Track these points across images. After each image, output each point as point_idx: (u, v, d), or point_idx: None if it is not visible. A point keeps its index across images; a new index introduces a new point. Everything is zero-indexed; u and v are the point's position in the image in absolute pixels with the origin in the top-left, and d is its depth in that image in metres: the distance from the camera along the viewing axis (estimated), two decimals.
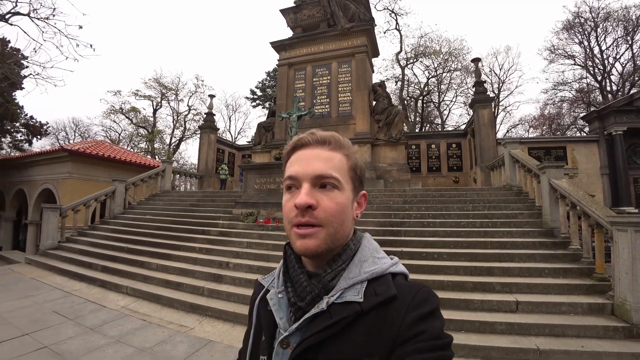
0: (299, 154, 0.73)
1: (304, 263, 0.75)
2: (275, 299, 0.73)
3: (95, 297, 5.84)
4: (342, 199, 0.70)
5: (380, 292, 0.65)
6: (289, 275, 0.75)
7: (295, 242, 0.69)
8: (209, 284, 5.79)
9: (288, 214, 0.70)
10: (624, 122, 12.02)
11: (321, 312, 0.65)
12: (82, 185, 13.06)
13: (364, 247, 0.74)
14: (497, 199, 8.43)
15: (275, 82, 28.03)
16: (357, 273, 0.69)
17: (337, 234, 0.69)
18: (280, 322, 0.70)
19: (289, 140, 8.56)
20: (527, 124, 29.93)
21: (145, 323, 4.78)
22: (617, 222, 4.46)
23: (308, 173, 0.69)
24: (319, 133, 0.74)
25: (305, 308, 0.68)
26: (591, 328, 4.05)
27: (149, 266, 6.77)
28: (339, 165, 0.72)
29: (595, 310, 4.40)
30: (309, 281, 0.70)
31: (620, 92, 22.27)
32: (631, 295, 4.15)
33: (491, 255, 5.76)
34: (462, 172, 14.54)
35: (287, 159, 0.76)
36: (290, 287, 0.73)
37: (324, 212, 0.67)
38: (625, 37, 22.47)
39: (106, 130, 31.47)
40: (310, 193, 0.68)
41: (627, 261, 4.24)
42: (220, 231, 8.08)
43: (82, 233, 9.48)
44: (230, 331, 4.54)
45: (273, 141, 13.89)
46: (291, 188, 0.72)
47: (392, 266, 0.71)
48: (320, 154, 0.72)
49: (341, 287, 0.67)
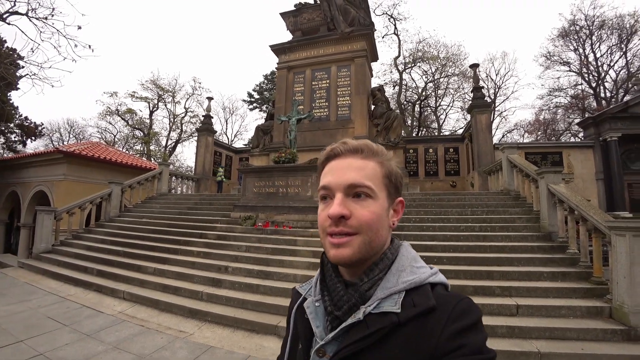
0: (331, 165, 0.74)
1: (341, 272, 0.75)
2: (312, 308, 0.73)
3: (91, 302, 5.75)
4: (375, 208, 0.69)
5: (419, 303, 0.63)
6: (325, 283, 0.75)
7: (329, 251, 0.69)
8: (208, 288, 5.74)
9: (322, 223, 0.70)
10: (618, 129, 12.18)
11: (358, 322, 0.64)
12: (77, 188, 12.92)
13: (402, 255, 0.73)
14: (496, 203, 8.49)
15: (273, 86, 28.11)
16: (394, 283, 0.68)
17: (372, 243, 0.68)
18: (316, 330, 0.70)
19: (288, 143, 8.54)
20: (522, 129, 30.26)
21: (143, 329, 4.71)
22: (615, 226, 4.50)
23: (340, 183, 0.69)
24: (351, 142, 0.74)
25: (342, 317, 0.67)
26: (590, 331, 4.08)
27: (146, 270, 6.69)
28: (372, 173, 0.71)
29: (594, 314, 4.43)
30: (345, 290, 0.70)
31: (613, 99, 22.59)
32: (629, 299, 4.18)
33: (491, 259, 5.79)
34: (459, 176, 14.60)
35: (321, 169, 0.76)
36: (327, 296, 0.72)
37: (357, 221, 0.67)
38: (620, 44, 22.85)
39: (101, 131, 31.29)
40: (343, 203, 0.68)
41: (625, 265, 4.27)
42: (219, 235, 8.02)
43: (77, 236, 9.36)
44: (231, 336, 4.50)
45: (271, 144, 13.88)
46: (325, 198, 0.72)
47: (432, 276, 0.70)
48: (353, 163, 0.71)
49: (378, 297, 0.66)
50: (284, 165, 9.02)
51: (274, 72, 17.05)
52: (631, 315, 4.10)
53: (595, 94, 24.29)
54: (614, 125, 12.25)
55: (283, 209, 8.50)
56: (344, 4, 13.81)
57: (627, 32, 22.38)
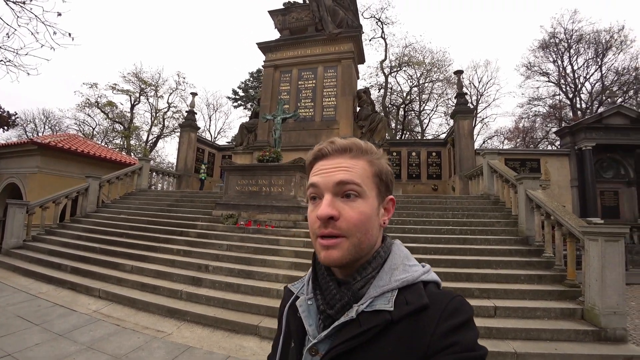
0: (320, 165, 0.72)
1: (333, 270, 0.74)
2: (304, 306, 0.73)
3: (64, 301, 5.52)
4: (365, 208, 0.68)
5: (412, 301, 0.63)
6: (318, 282, 0.74)
7: (319, 253, 0.68)
8: (188, 287, 5.62)
9: (312, 225, 0.69)
10: (593, 138, 12.73)
11: (350, 320, 0.64)
12: (52, 181, 12.42)
13: (395, 254, 0.73)
14: (476, 207, 8.69)
15: (259, 83, 27.88)
16: (387, 281, 0.67)
17: (362, 244, 0.68)
18: (309, 329, 0.69)
19: (272, 142, 8.47)
20: (502, 136, 31.19)
21: (119, 328, 4.56)
22: (588, 232, 4.69)
23: (329, 183, 0.68)
24: (339, 141, 0.73)
25: (335, 316, 0.67)
26: (564, 332, 4.23)
27: (123, 268, 6.49)
28: (361, 172, 0.70)
29: (567, 315, 4.60)
30: (338, 289, 0.69)
31: (588, 110, 23.59)
32: (600, 301, 4.37)
33: (470, 262, 5.91)
34: (441, 180, 14.89)
35: (309, 170, 0.75)
36: (319, 295, 0.72)
37: (346, 222, 0.66)
38: (595, 58, 23.90)
39: (79, 124, 30.15)
40: (331, 204, 0.67)
41: (597, 269, 4.46)
42: (200, 233, 7.88)
43: (51, 232, 9.00)
44: (210, 336, 4.41)
45: (256, 143, 13.76)
46: (315, 199, 0.71)
47: (424, 274, 0.69)
48: (341, 163, 0.70)
49: (371, 296, 0.66)
50: (268, 164, 8.94)
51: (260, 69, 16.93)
52: (602, 317, 4.28)
53: (571, 105, 25.30)
54: (589, 135, 12.79)
55: (266, 208, 8.43)
56: (332, 5, 13.86)
57: (602, 47, 23.43)
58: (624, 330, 4.25)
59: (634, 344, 4.39)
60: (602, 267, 4.39)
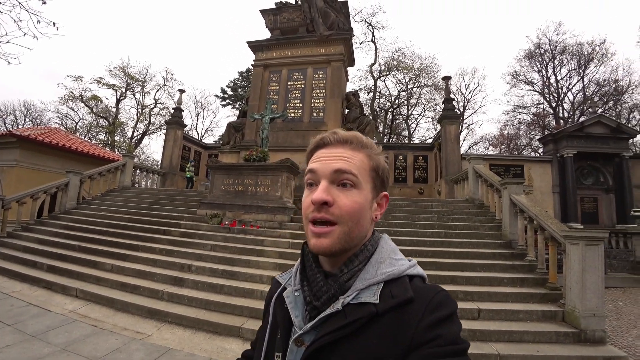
0: (320, 153, 0.74)
1: (321, 262, 0.75)
2: (291, 297, 0.73)
3: (38, 300, 5.29)
4: (359, 198, 0.69)
5: (397, 295, 0.64)
6: (305, 274, 0.75)
7: (310, 239, 0.69)
8: (169, 287, 5.47)
9: (306, 209, 0.71)
10: (574, 146, 13.10)
11: (336, 312, 0.64)
12: (31, 176, 11.98)
13: (382, 248, 0.74)
14: (461, 211, 8.79)
15: (248, 83, 27.69)
16: (373, 274, 0.68)
17: (352, 233, 0.68)
18: (295, 320, 0.70)
19: (259, 142, 8.39)
20: (487, 142, 31.85)
21: (97, 329, 4.39)
22: (570, 236, 4.79)
23: (327, 169, 0.70)
24: (341, 132, 0.75)
25: (321, 307, 0.68)
26: (545, 334, 4.29)
27: (102, 267, 6.29)
28: (359, 164, 0.71)
29: (549, 317, 4.67)
30: (325, 281, 0.70)
31: (570, 119, 24.33)
32: (580, 303, 4.46)
33: (455, 265, 5.96)
34: (427, 184, 15.04)
35: (309, 157, 0.77)
36: (306, 286, 0.73)
37: (339, 209, 0.67)
38: (578, 69, 24.70)
39: (62, 117, 29.20)
40: (327, 190, 0.68)
41: (578, 272, 4.55)
42: (183, 232, 7.72)
43: (27, 228, 8.66)
44: (192, 338, 4.30)
45: (243, 142, 13.61)
46: (311, 185, 0.72)
47: (410, 268, 0.71)
48: (342, 152, 0.72)
49: (357, 288, 0.66)
50: (255, 164, 8.84)
51: (250, 69, 16.77)
52: (582, 319, 4.36)
53: (554, 113, 26.05)
54: (570, 143, 13.15)
55: (251, 208, 8.32)
56: (324, 7, 13.87)
57: (585, 59, 24.25)
58: (602, 332, 4.34)
59: (612, 345, 4.48)
60: (583, 271, 4.48)
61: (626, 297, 7.56)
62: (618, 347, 4.51)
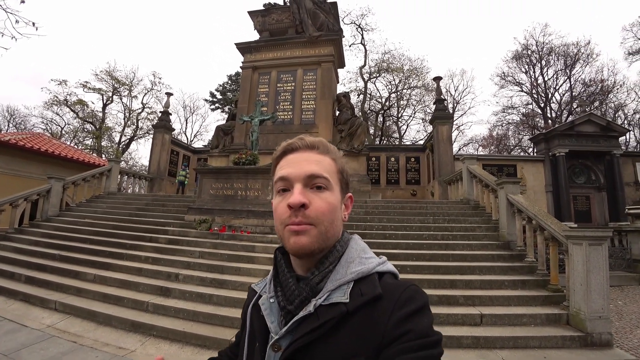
0: (289, 158, 0.75)
1: (294, 267, 0.75)
2: (267, 304, 0.73)
3: (14, 315, 4.93)
4: (332, 199, 0.71)
5: (366, 292, 0.64)
6: (279, 279, 0.75)
7: (288, 239, 0.68)
8: (155, 298, 5.15)
9: (281, 215, 0.70)
10: (566, 145, 13.14)
11: (309, 314, 0.64)
12: (11, 182, 11.53)
13: (351, 248, 0.74)
14: (456, 212, 8.65)
15: (237, 87, 27.35)
16: (343, 274, 0.68)
17: (328, 233, 0.69)
18: (271, 326, 0.70)
19: (249, 145, 8.09)
20: (477, 143, 32.05)
21: (76, 346, 4.07)
22: (572, 236, 4.64)
23: (300, 174, 0.70)
24: (308, 138, 0.76)
25: (295, 311, 0.67)
26: (551, 339, 4.12)
27: (84, 277, 5.93)
28: (328, 167, 0.73)
29: (553, 321, 4.51)
30: (297, 285, 0.70)
31: (558, 119, 24.60)
32: (585, 306, 4.29)
33: (453, 268, 5.78)
34: (419, 185, 14.95)
35: (276, 164, 0.77)
36: (280, 292, 0.72)
37: (315, 211, 0.68)
38: (565, 70, 25.06)
39: (46, 122, 28.37)
40: (302, 192, 0.69)
41: (582, 273, 4.39)
42: (170, 239, 7.39)
43: (6, 237, 8.21)
44: (179, 353, 4.00)
45: (232, 145, 13.32)
46: (282, 191, 0.72)
47: (379, 265, 0.71)
48: (311, 156, 0.73)
49: (328, 289, 0.66)
50: (244, 167, 8.54)
51: (239, 73, 16.48)
52: (588, 322, 4.20)
53: (543, 113, 26.37)
54: (562, 141, 13.19)
55: (241, 213, 8.03)
56: (313, 8, 13.71)
57: (571, 59, 24.61)
58: (609, 335, 4.19)
59: (619, 347, 4.32)
60: (587, 272, 4.33)
61: (625, 296, 7.48)
62: (624, 350, 4.35)
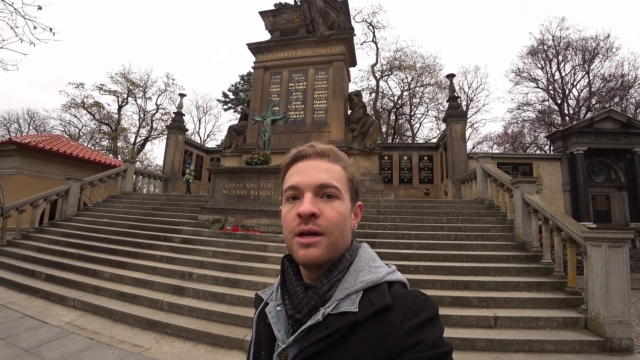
0: (299, 166, 0.74)
1: (302, 275, 0.74)
2: (273, 312, 0.73)
3: (35, 312, 5.12)
4: (342, 209, 0.71)
5: (375, 302, 0.64)
6: (286, 287, 0.74)
7: (297, 251, 0.68)
8: (169, 296, 5.26)
9: (290, 224, 0.69)
10: (584, 143, 12.74)
11: (317, 323, 0.64)
12: (32, 183, 11.89)
13: (360, 256, 0.74)
14: (470, 212, 8.52)
15: (249, 86, 27.55)
16: (352, 283, 0.68)
17: (338, 243, 0.69)
18: (278, 334, 0.69)
19: (261, 145, 8.15)
20: (492, 141, 31.40)
21: (93, 342, 4.20)
22: (591, 237, 4.50)
23: (310, 183, 0.70)
24: (318, 145, 0.76)
25: (302, 320, 0.67)
26: (568, 343, 4.03)
27: (101, 275, 6.11)
28: (338, 176, 0.73)
29: (570, 325, 4.40)
30: (305, 293, 0.69)
31: (576, 116, 23.89)
32: (605, 310, 4.18)
33: (467, 269, 5.70)
34: (433, 184, 14.76)
35: (285, 171, 0.77)
36: (287, 300, 0.72)
37: (326, 220, 0.68)
38: (583, 65, 24.26)
39: (65, 124, 29.24)
40: (313, 202, 0.68)
41: (601, 276, 4.27)
42: (184, 238, 7.52)
43: (27, 236, 8.51)
44: (192, 351, 4.07)
45: (244, 145, 13.44)
46: (292, 199, 0.72)
47: (388, 275, 0.70)
48: (321, 165, 0.73)
49: (337, 298, 0.66)
50: (256, 167, 8.63)
51: (251, 72, 16.62)
52: (607, 326, 4.08)
53: (560, 110, 25.60)
54: (580, 139, 12.79)
55: (254, 212, 8.10)
56: (324, 7, 13.70)
57: (589, 54, 23.82)
58: (629, 340, 4.06)
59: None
60: (607, 274, 4.20)
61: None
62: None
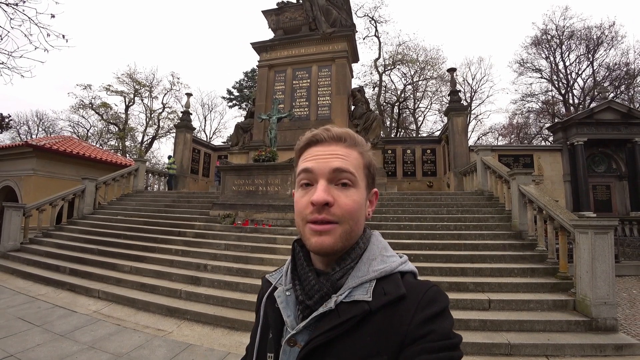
0: (313, 150, 0.71)
1: (313, 260, 0.74)
2: (283, 297, 0.72)
3: (63, 302, 5.55)
4: (357, 197, 0.69)
5: (389, 291, 0.64)
6: (297, 272, 0.74)
7: (310, 238, 0.67)
8: (187, 286, 5.67)
9: (302, 210, 0.68)
10: (584, 134, 12.90)
11: (329, 311, 0.64)
12: (47, 184, 12.38)
13: (373, 245, 0.73)
14: (470, 203, 8.80)
15: (254, 83, 27.84)
16: (365, 272, 0.68)
17: (352, 232, 0.68)
18: (287, 320, 0.69)
19: (268, 142, 8.47)
20: (496, 133, 31.43)
21: (120, 328, 4.61)
22: (579, 225, 4.80)
23: (325, 169, 0.68)
24: (334, 129, 0.73)
25: (313, 307, 0.67)
26: (556, 323, 4.34)
27: (121, 269, 6.53)
28: (355, 162, 0.70)
29: (560, 307, 4.72)
30: (317, 279, 0.69)
31: (581, 106, 23.83)
32: (591, 292, 4.49)
33: (465, 257, 6.02)
34: (436, 177, 15.02)
35: (299, 155, 0.74)
36: (298, 285, 0.71)
37: (340, 209, 0.66)
38: (587, 54, 24.13)
39: (73, 125, 29.96)
40: (327, 189, 0.66)
41: (588, 261, 4.58)
42: (197, 233, 7.93)
43: (47, 234, 8.99)
44: (210, 334, 4.47)
45: (251, 142, 13.81)
46: (305, 185, 0.70)
47: (401, 265, 0.70)
48: (337, 150, 0.70)
49: (350, 286, 0.66)
50: (264, 164, 9.00)
51: (255, 69, 16.94)
52: (592, 307, 4.40)
53: (564, 100, 25.54)
54: (580, 130, 12.96)
55: (262, 207, 8.49)
56: (326, 5, 13.90)
57: (593, 43, 23.67)
58: (614, 320, 4.37)
59: (625, 332, 4.50)
60: (592, 259, 4.51)
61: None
62: (631, 335, 4.52)
